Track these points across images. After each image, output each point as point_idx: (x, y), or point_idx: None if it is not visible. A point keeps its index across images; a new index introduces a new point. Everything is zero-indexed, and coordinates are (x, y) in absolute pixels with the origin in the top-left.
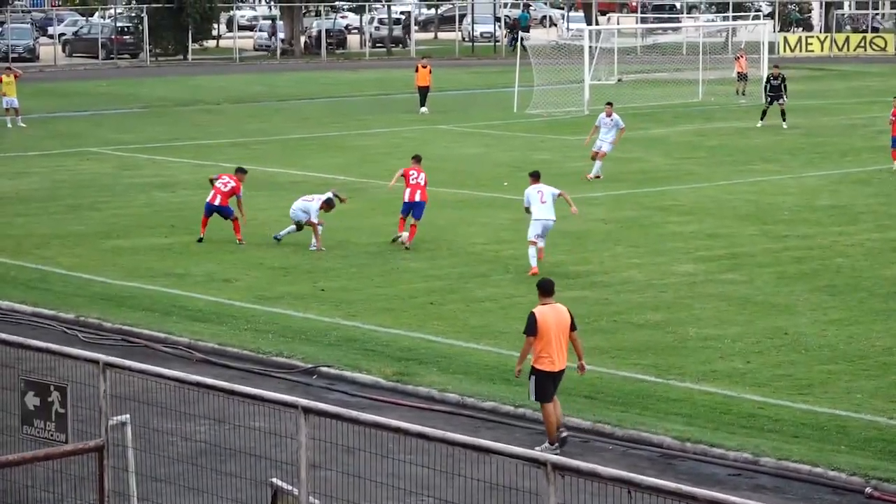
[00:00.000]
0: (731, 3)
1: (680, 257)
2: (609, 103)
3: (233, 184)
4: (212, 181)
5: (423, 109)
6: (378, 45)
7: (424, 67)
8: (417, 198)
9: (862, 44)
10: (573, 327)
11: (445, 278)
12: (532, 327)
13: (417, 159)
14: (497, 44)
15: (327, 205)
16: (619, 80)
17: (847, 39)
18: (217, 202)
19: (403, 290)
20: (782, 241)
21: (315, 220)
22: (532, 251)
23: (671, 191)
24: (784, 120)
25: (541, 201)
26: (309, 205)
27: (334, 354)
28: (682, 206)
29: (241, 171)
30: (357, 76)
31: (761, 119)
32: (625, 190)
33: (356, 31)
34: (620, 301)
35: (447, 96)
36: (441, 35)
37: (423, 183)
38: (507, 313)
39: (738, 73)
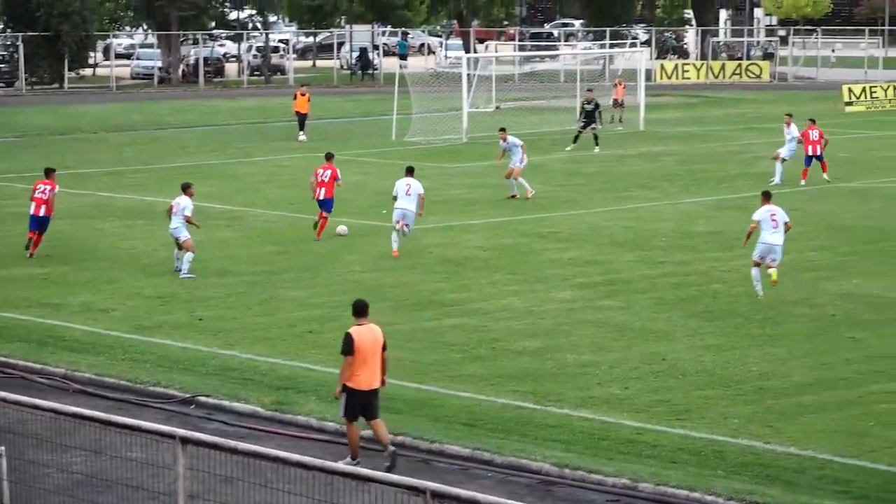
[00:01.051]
0: (608, 32)
1: (558, 284)
2: (502, 129)
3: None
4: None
5: (302, 137)
6: (256, 73)
7: (303, 95)
8: (322, 195)
9: (738, 71)
10: (384, 347)
11: (324, 307)
12: (349, 347)
13: (328, 157)
14: (375, 71)
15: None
16: (497, 108)
17: (723, 67)
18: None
19: (282, 318)
20: (659, 268)
21: (187, 225)
22: (394, 236)
23: (549, 218)
24: (597, 145)
25: (406, 193)
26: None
27: (212, 384)
28: (561, 233)
29: (50, 171)
30: (235, 104)
31: (573, 142)
32: (503, 217)
33: (234, 59)
34: (499, 328)
35: (326, 124)
36: (319, 63)
37: (327, 180)
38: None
39: (615, 100)
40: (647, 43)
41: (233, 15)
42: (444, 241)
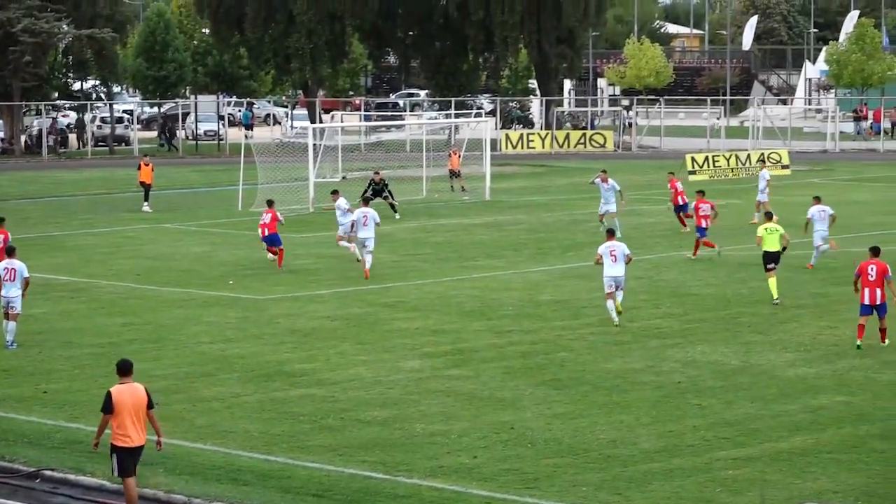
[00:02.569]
0: (453, 102)
1: (406, 354)
2: (334, 191)
3: None
4: None
5: (146, 207)
6: (101, 143)
7: (147, 165)
8: (267, 232)
9: (582, 140)
10: (150, 405)
11: (171, 378)
12: (108, 405)
13: (269, 203)
14: (221, 142)
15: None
16: (343, 178)
17: (567, 136)
18: None
19: None
20: (507, 336)
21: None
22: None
23: (397, 287)
24: (395, 211)
25: (364, 224)
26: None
27: (58, 457)
28: (408, 302)
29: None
30: (79, 175)
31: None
32: (351, 287)
33: (76, 130)
34: (348, 398)
35: (171, 194)
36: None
37: (269, 221)
38: (233, 412)
39: (451, 170)
40: (492, 113)
41: (76, 85)
42: (292, 312)
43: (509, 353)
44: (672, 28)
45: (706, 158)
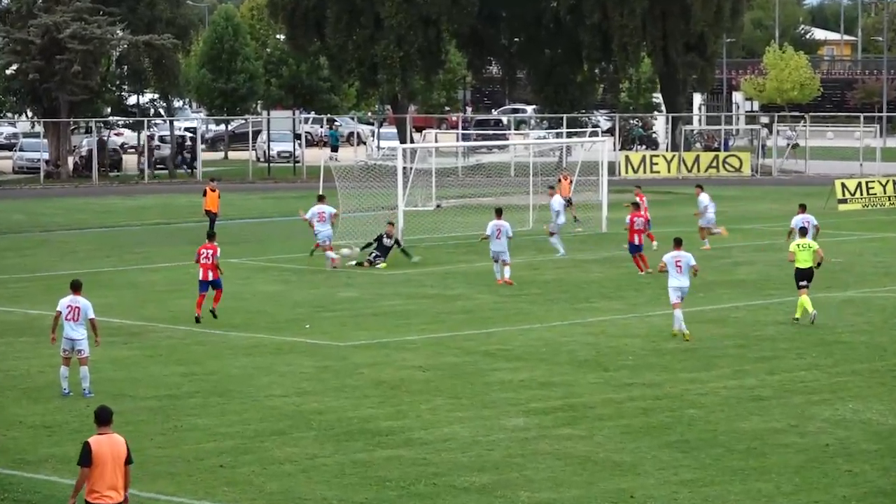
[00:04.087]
0: (564, 118)
1: (509, 410)
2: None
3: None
4: None
5: None
6: (160, 166)
7: (213, 191)
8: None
9: (714, 163)
10: (129, 460)
11: (238, 437)
12: (86, 458)
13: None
14: (297, 164)
15: None
16: (437, 206)
17: (697, 159)
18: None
19: (188, 450)
20: (626, 390)
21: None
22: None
23: (499, 333)
24: (408, 256)
25: (497, 237)
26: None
27: None
28: (512, 350)
29: None
30: (135, 202)
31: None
32: (445, 332)
33: (133, 150)
34: (441, 461)
35: (239, 224)
36: (232, 154)
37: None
38: (309, 476)
39: (563, 197)
40: (609, 131)
41: (132, 99)
42: (377, 361)
43: (629, 410)
44: (819, 34)
45: (858, 185)
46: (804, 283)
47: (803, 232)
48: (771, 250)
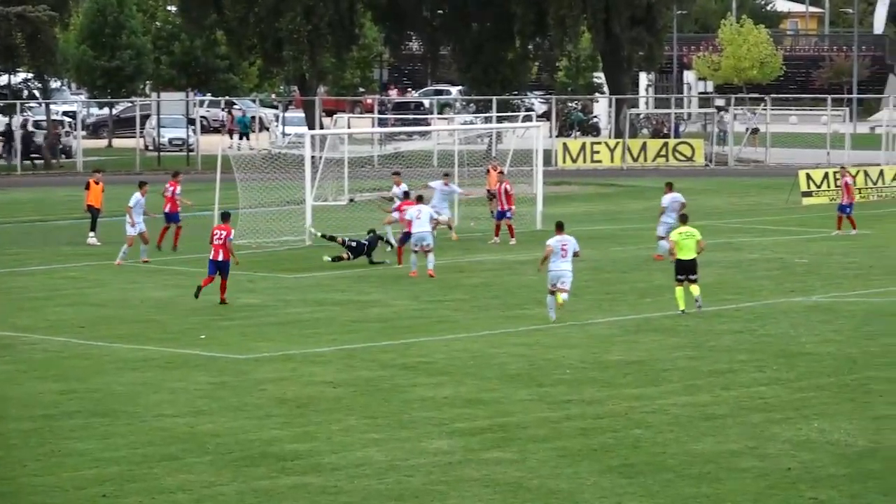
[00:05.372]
0: (494, 101)
1: (431, 431)
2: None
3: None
4: None
5: (93, 239)
6: (34, 155)
7: (97, 183)
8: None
9: (663, 152)
10: None
11: (123, 462)
12: None
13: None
14: (191, 153)
15: None
16: (350, 201)
17: (644, 146)
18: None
19: (67, 479)
20: (563, 408)
21: None
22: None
23: (419, 344)
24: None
25: (417, 217)
26: None
27: None
28: (434, 363)
29: None
30: (5, 196)
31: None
32: (359, 343)
33: (2, 137)
34: (354, 489)
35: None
36: (117, 142)
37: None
38: None
39: (490, 190)
40: (545, 116)
41: (2, 80)
42: (282, 376)
43: (566, 431)
44: (782, 5)
45: (825, 176)
46: (686, 276)
47: (683, 219)
48: (727, 250)
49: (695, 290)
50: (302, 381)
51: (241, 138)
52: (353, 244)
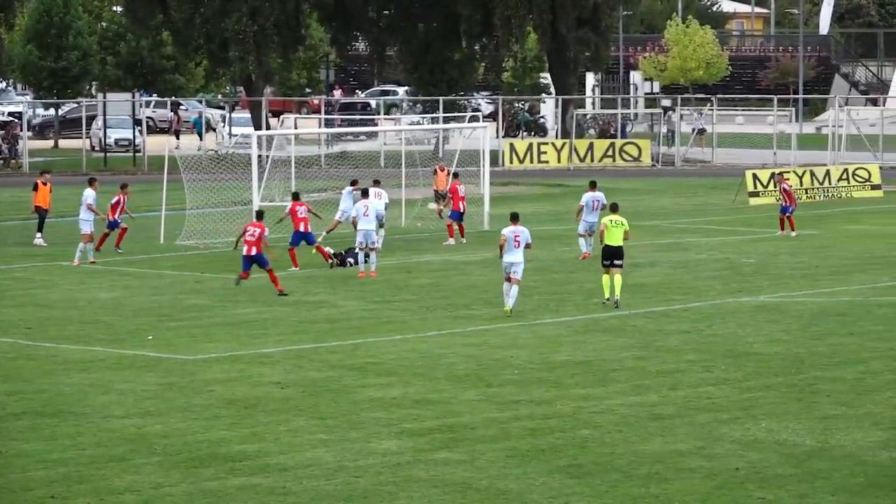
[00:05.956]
0: (441, 102)
1: (380, 431)
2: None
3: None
4: None
5: (39, 240)
6: None
7: (45, 184)
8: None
9: (610, 152)
10: None
11: (71, 463)
12: None
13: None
14: (138, 154)
15: None
16: None
17: (591, 147)
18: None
19: (14, 480)
20: (511, 409)
21: None
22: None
23: (367, 344)
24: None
25: (364, 214)
26: None
27: None
28: (382, 364)
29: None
30: None
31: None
32: (307, 344)
33: None
34: (302, 490)
35: (72, 222)
36: (63, 143)
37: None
38: None
39: (437, 190)
40: (492, 116)
41: None
42: (230, 376)
43: (514, 431)
44: (728, 6)
45: (772, 176)
46: (611, 261)
47: (614, 207)
48: (674, 250)
49: (617, 282)
50: (250, 381)
51: (200, 138)
52: (341, 254)
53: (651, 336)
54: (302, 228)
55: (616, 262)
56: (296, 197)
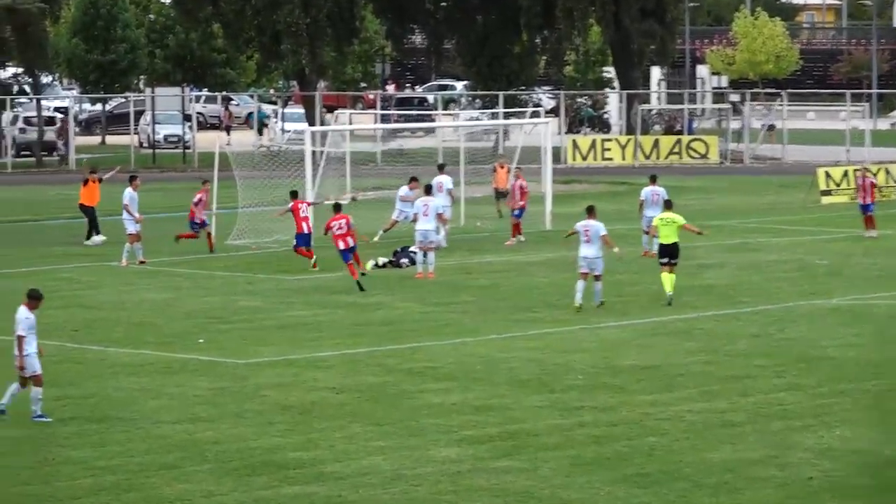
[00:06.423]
0: (501, 97)
1: (439, 438)
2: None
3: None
4: None
5: (97, 238)
6: (24, 153)
7: (95, 181)
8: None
9: (676, 149)
10: None
11: (120, 471)
12: None
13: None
14: (188, 151)
15: None
16: (352, 200)
17: (656, 143)
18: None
19: (61, 488)
20: (575, 415)
21: None
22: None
23: (426, 348)
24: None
25: (424, 213)
26: None
27: None
28: (441, 368)
29: None
30: None
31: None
32: (363, 347)
33: None
34: (359, 499)
35: (120, 221)
36: (110, 139)
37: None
38: None
39: (497, 188)
40: (553, 112)
41: None
42: (284, 381)
43: (578, 438)
44: None
45: (845, 174)
46: (667, 259)
47: (668, 205)
48: (743, 250)
49: (671, 279)
50: (304, 386)
51: (260, 133)
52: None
53: (719, 340)
54: (306, 229)
55: (671, 260)
56: (294, 195)
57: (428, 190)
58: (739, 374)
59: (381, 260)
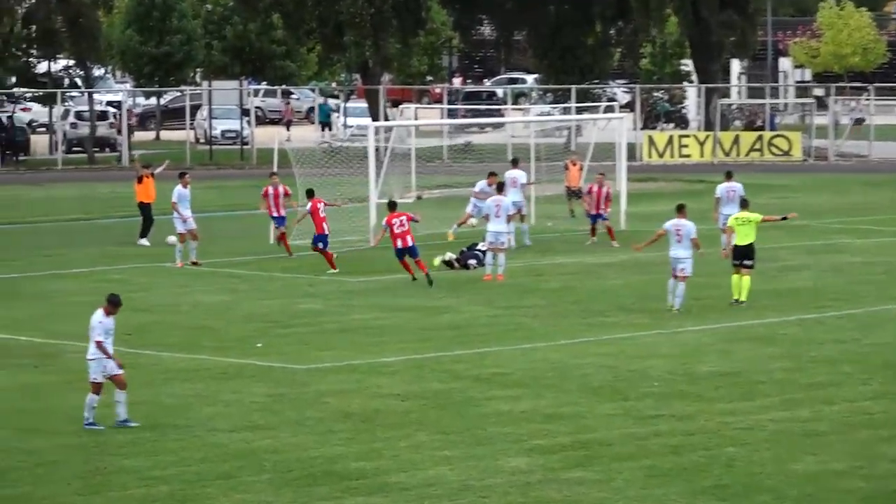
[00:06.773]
0: (573, 90)
1: (508, 448)
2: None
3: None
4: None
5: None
6: (77, 149)
7: (150, 177)
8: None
9: (757, 146)
10: None
11: (174, 481)
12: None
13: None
14: (246, 147)
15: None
16: (418, 198)
17: (736, 139)
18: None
19: (114, 498)
20: (651, 424)
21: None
22: (489, 258)
23: (494, 353)
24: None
25: (496, 214)
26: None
27: None
28: (510, 375)
29: None
30: (46, 193)
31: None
32: (429, 353)
33: (44, 129)
34: None
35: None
36: (165, 134)
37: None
38: None
39: (569, 187)
40: (628, 106)
41: (42, 67)
42: (346, 388)
43: (654, 448)
44: None
45: None
46: (740, 261)
47: (744, 203)
48: (828, 252)
49: (745, 283)
50: (367, 393)
51: (323, 129)
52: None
53: (802, 346)
54: (326, 230)
55: (745, 262)
56: (311, 194)
57: (500, 188)
58: (823, 382)
59: (450, 255)
